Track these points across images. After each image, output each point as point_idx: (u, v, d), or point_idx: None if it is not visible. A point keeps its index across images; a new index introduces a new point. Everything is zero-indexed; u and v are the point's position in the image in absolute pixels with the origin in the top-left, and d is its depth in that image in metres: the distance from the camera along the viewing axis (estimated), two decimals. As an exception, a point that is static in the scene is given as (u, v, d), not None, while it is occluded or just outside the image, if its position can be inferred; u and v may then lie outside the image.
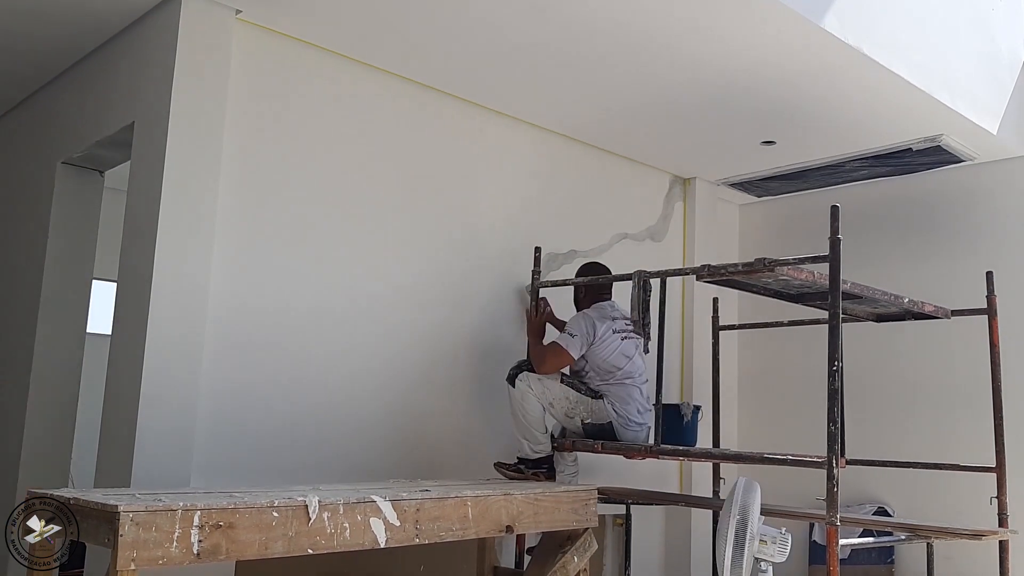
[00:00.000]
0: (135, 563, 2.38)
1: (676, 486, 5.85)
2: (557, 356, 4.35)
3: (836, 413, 3.51)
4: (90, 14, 4.13)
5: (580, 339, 4.36)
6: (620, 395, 4.39)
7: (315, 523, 2.77)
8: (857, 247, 5.24)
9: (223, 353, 3.90)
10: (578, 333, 4.37)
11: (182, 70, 3.80)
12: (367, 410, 4.38)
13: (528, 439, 4.38)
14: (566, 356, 4.35)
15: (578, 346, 4.35)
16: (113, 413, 3.77)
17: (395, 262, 4.57)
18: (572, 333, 4.38)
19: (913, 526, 4.39)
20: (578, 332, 4.37)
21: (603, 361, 4.40)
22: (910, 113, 4.93)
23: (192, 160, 3.79)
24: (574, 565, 3.73)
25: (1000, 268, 4.83)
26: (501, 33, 4.17)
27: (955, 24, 5.03)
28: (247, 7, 3.99)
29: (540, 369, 4.36)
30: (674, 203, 6.17)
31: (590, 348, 4.39)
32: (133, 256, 3.85)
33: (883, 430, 5.68)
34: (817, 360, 3.92)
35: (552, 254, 5.23)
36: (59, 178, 4.72)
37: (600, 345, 4.38)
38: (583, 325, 4.41)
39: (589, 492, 3.84)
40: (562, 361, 4.37)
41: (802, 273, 3.73)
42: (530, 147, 5.31)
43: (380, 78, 4.59)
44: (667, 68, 4.47)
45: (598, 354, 4.40)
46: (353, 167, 4.45)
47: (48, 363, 4.63)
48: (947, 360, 5.56)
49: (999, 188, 5.61)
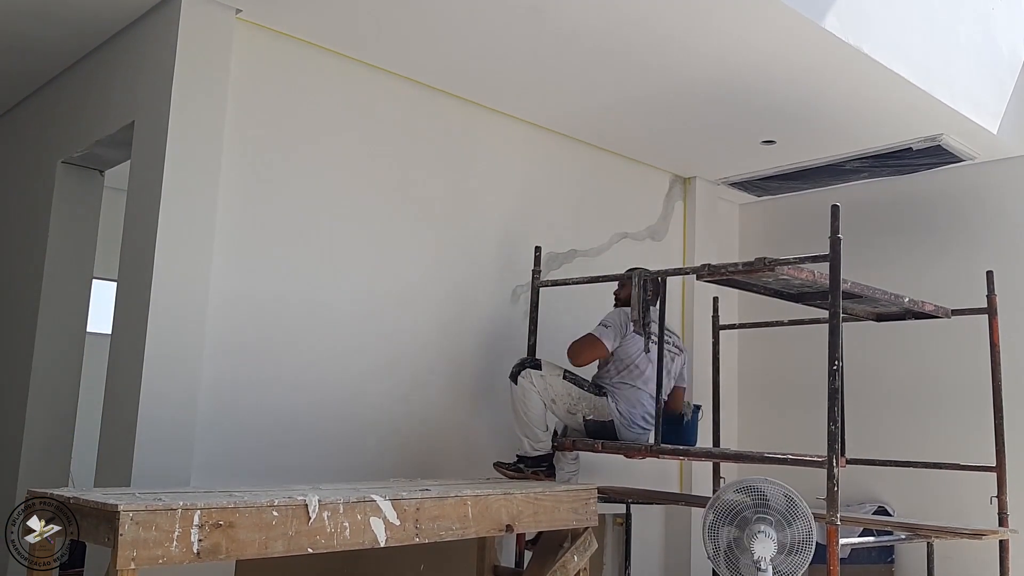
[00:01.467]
0: (135, 562, 2.39)
1: (676, 486, 5.85)
2: (592, 347, 4.39)
3: (836, 413, 3.51)
4: (90, 14, 4.14)
5: (614, 330, 4.40)
6: (628, 397, 4.39)
7: (315, 522, 2.77)
8: (857, 247, 5.22)
9: (223, 352, 3.90)
10: (612, 324, 4.42)
11: (182, 70, 3.80)
12: (367, 409, 4.38)
13: (528, 436, 4.38)
14: (600, 347, 4.38)
15: (612, 337, 4.39)
16: (113, 413, 3.77)
17: (394, 261, 4.57)
18: (606, 324, 4.43)
19: (913, 525, 4.39)
20: (612, 324, 4.42)
21: (627, 356, 4.42)
22: (910, 113, 4.93)
23: (192, 160, 3.79)
24: (574, 564, 3.73)
25: (1000, 268, 4.83)
26: (500, 32, 4.17)
27: (955, 24, 5.03)
28: (247, 7, 3.99)
29: (576, 361, 4.40)
30: (674, 203, 6.17)
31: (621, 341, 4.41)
32: (133, 256, 3.85)
33: (883, 430, 5.69)
34: (817, 360, 3.91)
35: (552, 254, 5.23)
36: (59, 178, 4.72)
37: (629, 340, 4.41)
38: (617, 318, 4.45)
39: (589, 491, 3.84)
40: (597, 352, 4.41)
41: (802, 273, 3.73)
42: (530, 147, 5.31)
43: (380, 77, 4.59)
44: (668, 68, 4.47)
45: (624, 349, 4.42)
46: (353, 166, 4.46)
47: (48, 363, 4.63)
48: (947, 360, 5.56)
49: (999, 188, 5.61)
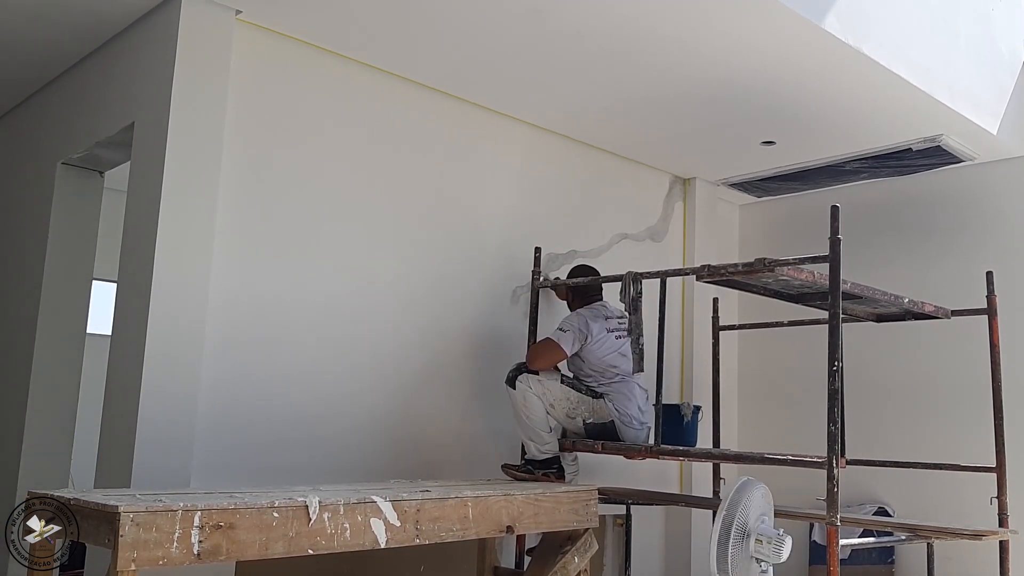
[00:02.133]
0: (135, 563, 2.39)
1: (676, 486, 5.85)
2: (549, 351, 4.38)
3: (836, 413, 3.51)
4: (90, 14, 4.13)
5: (572, 334, 4.38)
6: (622, 392, 4.39)
7: (315, 523, 2.77)
8: (857, 247, 5.23)
9: (223, 353, 3.90)
10: (570, 329, 4.40)
11: (182, 70, 3.80)
12: (367, 410, 4.38)
13: (534, 440, 4.37)
14: (558, 351, 4.36)
15: (570, 341, 4.37)
16: (113, 413, 3.77)
17: (395, 261, 4.57)
18: (564, 329, 4.42)
19: (913, 526, 4.39)
20: (570, 328, 4.41)
21: (600, 361, 4.40)
22: (910, 113, 4.93)
23: (192, 160, 3.79)
24: (574, 565, 3.73)
25: (1000, 268, 4.83)
26: (500, 33, 4.17)
27: (955, 24, 5.03)
28: (247, 7, 3.99)
29: (533, 364, 4.39)
30: (674, 203, 6.17)
31: (586, 348, 4.39)
32: (133, 256, 3.85)
33: (883, 430, 5.69)
34: (817, 360, 3.92)
35: (552, 254, 5.23)
36: (59, 178, 4.72)
37: (596, 344, 4.39)
38: (575, 322, 4.44)
39: (589, 492, 3.84)
40: (555, 356, 4.38)
41: (802, 273, 3.73)
42: (530, 147, 5.31)
43: (380, 78, 4.59)
44: (668, 68, 4.47)
45: (595, 353, 4.40)
46: (353, 166, 4.45)
47: (48, 363, 4.63)
48: (947, 360, 5.56)
49: (999, 188, 5.61)
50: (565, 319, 4.52)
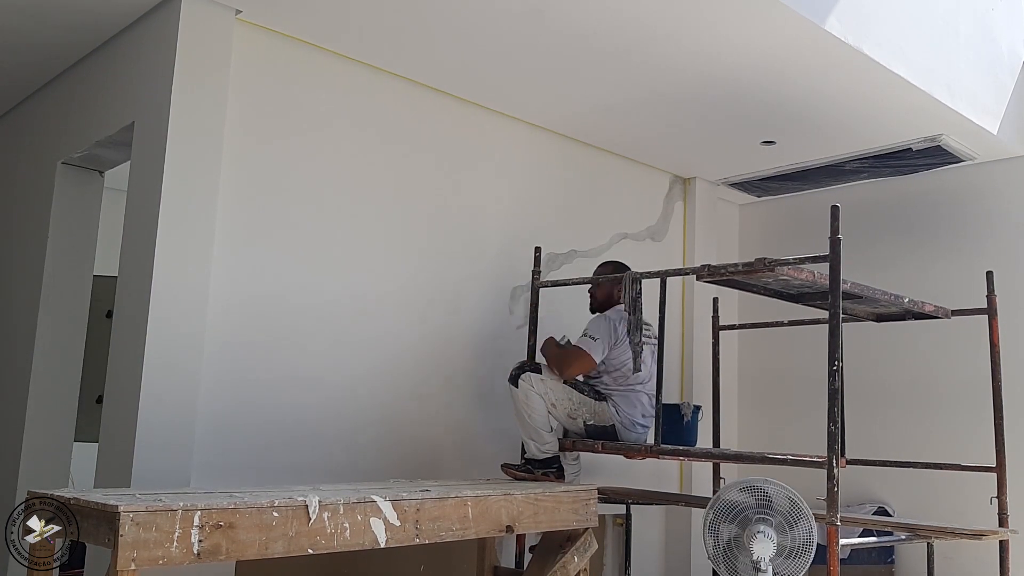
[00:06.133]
0: (135, 563, 2.38)
1: (676, 486, 5.85)
2: (580, 359, 4.26)
3: (836, 413, 3.51)
4: (90, 14, 4.13)
5: (602, 342, 4.27)
6: (627, 398, 4.35)
7: (315, 523, 2.77)
8: (857, 247, 5.23)
9: (223, 353, 3.90)
10: (600, 336, 4.28)
11: (182, 70, 3.80)
12: (367, 410, 4.38)
13: (535, 439, 4.33)
14: (588, 360, 4.26)
15: (600, 349, 4.26)
16: (113, 413, 3.77)
17: (395, 261, 4.57)
18: (594, 336, 4.28)
19: (913, 526, 4.39)
20: (600, 335, 4.28)
21: (620, 364, 4.32)
22: (910, 113, 4.94)
23: (192, 160, 3.79)
24: (574, 565, 3.73)
25: (1000, 268, 4.83)
26: (501, 33, 4.17)
27: (955, 24, 5.03)
28: (247, 7, 3.99)
29: (564, 374, 4.29)
30: (674, 203, 6.17)
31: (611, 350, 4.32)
32: (133, 256, 3.85)
33: (883, 430, 5.69)
34: (817, 360, 3.92)
35: (552, 254, 5.23)
36: (59, 178, 4.72)
37: (619, 348, 4.31)
38: (605, 328, 4.32)
39: (589, 492, 3.84)
40: (586, 365, 4.28)
41: (802, 273, 3.73)
42: (530, 147, 5.31)
43: (380, 78, 4.59)
44: (667, 68, 4.47)
45: (616, 357, 4.31)
46: (352, 166, 4.45)
47: (48, 363, 4.63)
48: (947, 360, 5.56)
49: (999, 188, 5.61)
50: (593, 324, 4.37)
